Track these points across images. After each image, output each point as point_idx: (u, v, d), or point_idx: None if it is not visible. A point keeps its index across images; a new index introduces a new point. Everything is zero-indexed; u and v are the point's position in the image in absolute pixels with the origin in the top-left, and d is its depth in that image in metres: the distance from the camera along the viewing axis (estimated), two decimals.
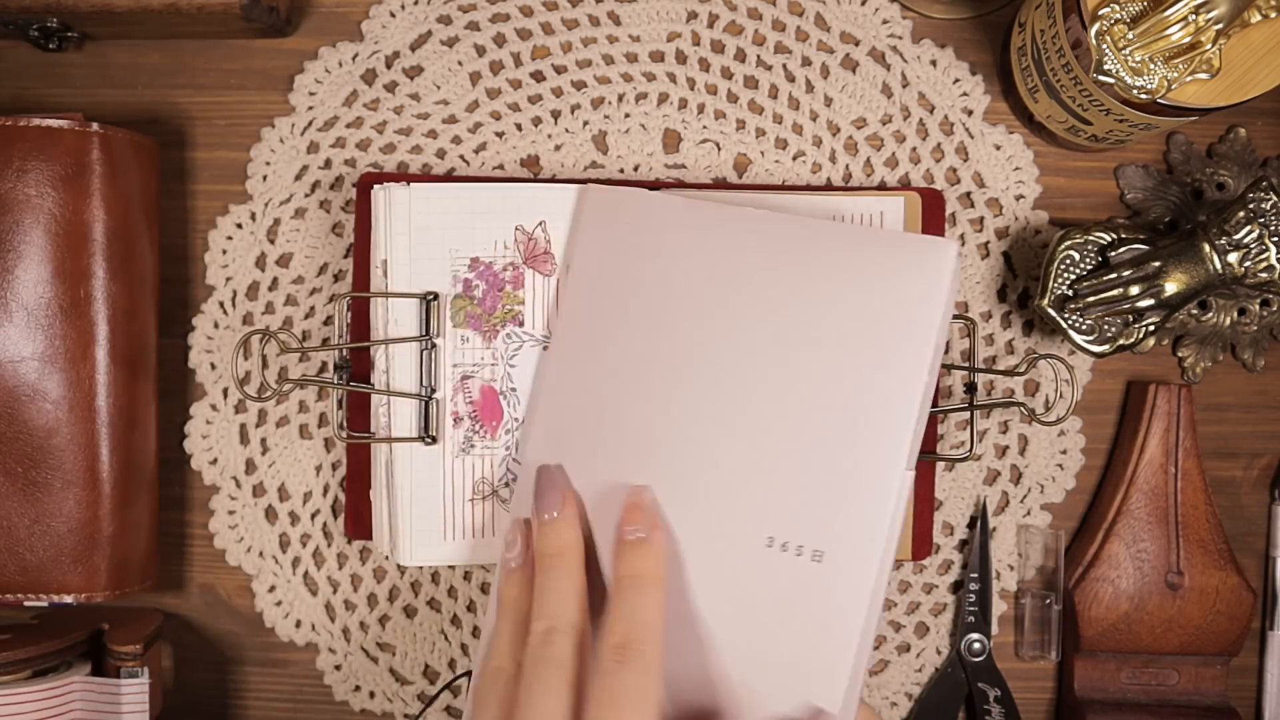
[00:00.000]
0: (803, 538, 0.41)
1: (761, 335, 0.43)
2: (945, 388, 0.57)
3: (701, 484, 0.43)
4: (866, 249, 0.42)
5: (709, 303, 0.44)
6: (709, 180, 0.57)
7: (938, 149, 0.57)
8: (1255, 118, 0.56)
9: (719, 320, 0.44)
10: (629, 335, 0.46)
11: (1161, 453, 0.55)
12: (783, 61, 0.57)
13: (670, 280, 0.46)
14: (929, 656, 0.58)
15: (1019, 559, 0.57)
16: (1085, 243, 0.52)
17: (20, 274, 0.50)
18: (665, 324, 0.45)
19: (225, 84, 0.58)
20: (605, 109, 0.57)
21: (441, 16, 0.57)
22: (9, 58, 0.58)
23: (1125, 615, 0.55)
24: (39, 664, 0.51)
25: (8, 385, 0.51)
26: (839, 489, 0.41)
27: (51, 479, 0.51)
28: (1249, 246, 0.49)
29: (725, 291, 0.44)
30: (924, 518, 0.55)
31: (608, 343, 0.47)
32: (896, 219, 0.55)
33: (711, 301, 0.44)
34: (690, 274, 0.45)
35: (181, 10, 0.52)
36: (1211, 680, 0.56)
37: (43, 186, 0.50)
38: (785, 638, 0.41)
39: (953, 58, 0.57)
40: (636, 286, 0.47)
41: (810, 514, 0.41)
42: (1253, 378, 0.57)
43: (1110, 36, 0.44)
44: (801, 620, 0.41)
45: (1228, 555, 0.55)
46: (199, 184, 0.58)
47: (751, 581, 0.42)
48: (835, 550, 0.41)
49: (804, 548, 0.41)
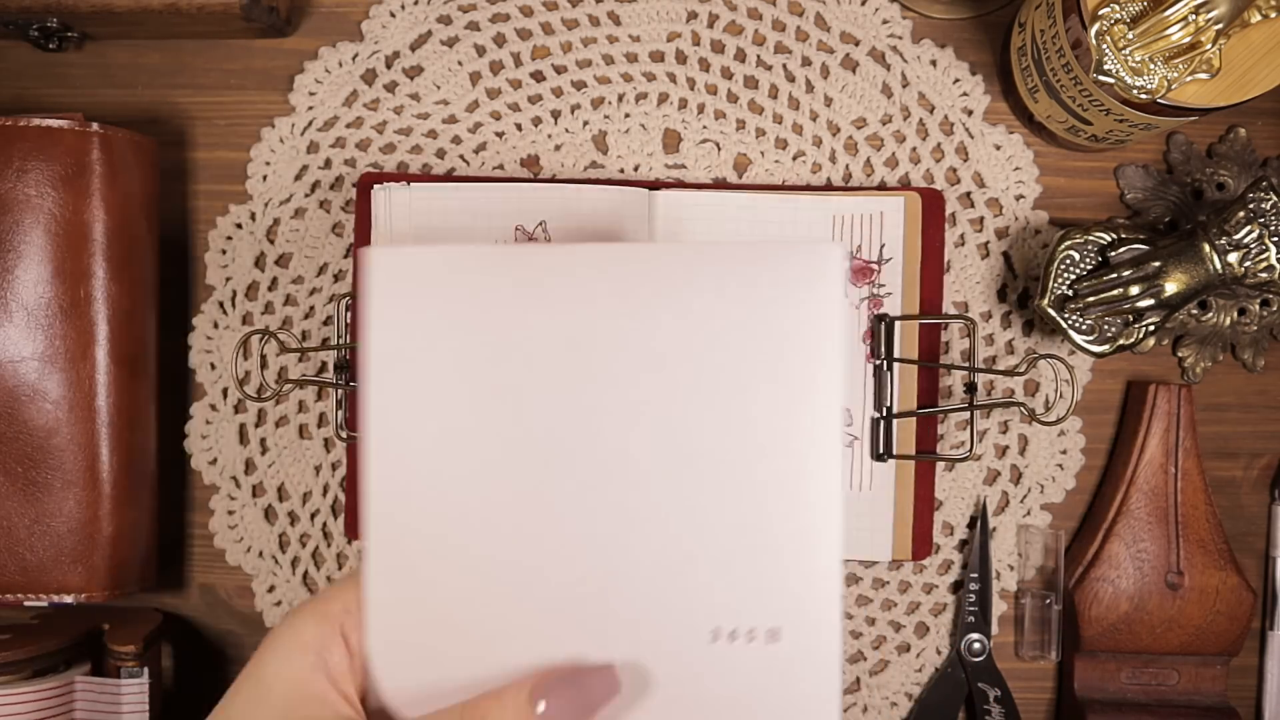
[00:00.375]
0: (752, 618, 0.35)
1: (640, 395, 0.35)
2: (945, 388, 0.57)
3: (613, 600, 0.35)
4: (740, 271, 0.35)
5: (569, 370, 0.36)
6: (709, 180, 0.57)
7: (938, 149, 0.57)
8: (1255, 118, 0.56)
9: (584, 389, 0.36)
10: (464, 432, 0.36)
11: (1161, 453, 0.55)
12: (783, 61, 0.57)
13: (514, 354, 0.36)
14: (929, 656, 0.58)
15: (1019, 559, 0.57)
16: (1085, 243, 0.52)
17: (20, 274, 0.50)
18: (515, 406, 0.36)
19: (225, 84, 0.58)
20: (605, 109, 0.57)
21: (441, 16, 0.57)
22: (9, 58, 0.58)
23: (1125, 615, 0.55)
24: (39, 664, 0.51)
25: (8, 385, 0.51)
26: (776, 548, 0.35)
27: (51, 479, 0.51)
28: (1249, 246, 0.49)
29: (586, 353, 0.36)
30: (924, 518, 0.55)
31: (435, 443, 0.36)
32: (897, 219, 0.55)
33: (572, 367, 0.36)
34: (538, 341, 0.36)
35: (181, 10, 0.52)
36: (1211, 680, 0.56)
37: (43, 186, 0.50)
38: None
39: (953, 58, 0.57)
40: (468, 372, 0.36)
41: (753, 587, 0.35)
42: (1253, 378, 0.57)
43: (1110, 36, 0.44)
44: (767, 714, 0.35)
45: (1228, 555, 0.55)
46: (199, 184, 0.58)
47: (704, 692, 0.35)
48: (792, 623, 0.35)
49: (755, 630, 0.35)
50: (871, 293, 0.55)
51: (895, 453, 0.55)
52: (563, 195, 0.54)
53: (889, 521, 0.55)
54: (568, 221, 0.54)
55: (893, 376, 0.55)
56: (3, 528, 0.51)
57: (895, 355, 0.55)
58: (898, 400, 0.55)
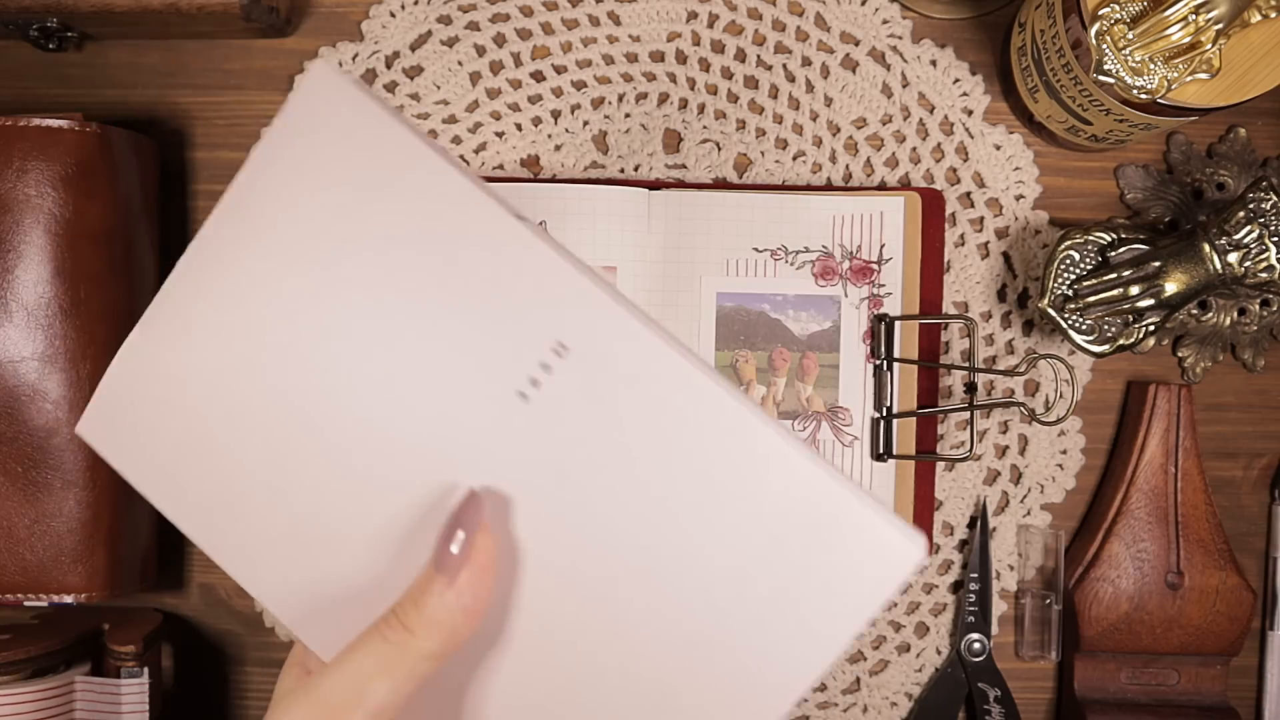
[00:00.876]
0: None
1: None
2: (945, 388, 0.57)
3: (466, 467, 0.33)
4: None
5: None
6: (709, 180, 0.57)
7: (938, 149, 0.57)
8: (1255, 118, 0.56)
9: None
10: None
11: (1161, 453, 0.55)
12: (783, 61, 0.57)
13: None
14: (929, 656, 0.58)
15: (1019, 559, 0.57)
16: (1085, 243, 0.52)
17: (20, 274, 0.50)
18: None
19: (225, 84, 0.58)
20: (605, 109, 0.57)
21: (441, 16, 0.57)
22: (9, 58, 0.58)
23: (1125, 615, 0.55)
24: (39, 664, 0.51)
25: (8, 385, 0.51)
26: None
27: (51, 479, 0.51)
28: (1249, 246, 0.49)
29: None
30: (924, 518, 0.55)
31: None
32: (897, 219, 0.55)
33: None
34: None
35: (181, 10, 0.52)
36: (1211, 680, 0.56)
37: (43, 186, 0.50)
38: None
39: (953, 58, 0.57)
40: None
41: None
42: (1253, 378, 0.57)
43: (1110, 36, 0.44)
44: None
45: (1228, 555, 0.55)
46: (199, 184, 0.58)
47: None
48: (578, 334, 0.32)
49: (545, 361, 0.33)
50: (871, 293, 0.55)
51: (895, 453, 0.55)
52: (563, 195, 0.54)
53: None
54: (568, 221, 0.54)
55: (893, 376, 0.55)
56: (3, 528, 0.51)
57: (895, 355, 0.55)
58: (898, 400, 0.55)
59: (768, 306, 0.55)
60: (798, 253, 0.55)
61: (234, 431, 0.35)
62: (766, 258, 0.55)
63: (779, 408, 0.55)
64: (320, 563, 0.35)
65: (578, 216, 0.54)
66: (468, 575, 0.32)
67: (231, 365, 0.35)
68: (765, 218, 0.55)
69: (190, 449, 0.36)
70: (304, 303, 0.34)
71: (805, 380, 0.55)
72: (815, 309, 0.55)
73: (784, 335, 0.55)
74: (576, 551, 0.33)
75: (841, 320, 0.55)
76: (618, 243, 0.54)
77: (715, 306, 0.55)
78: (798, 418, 0.55)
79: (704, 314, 0.55)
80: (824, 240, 0.55)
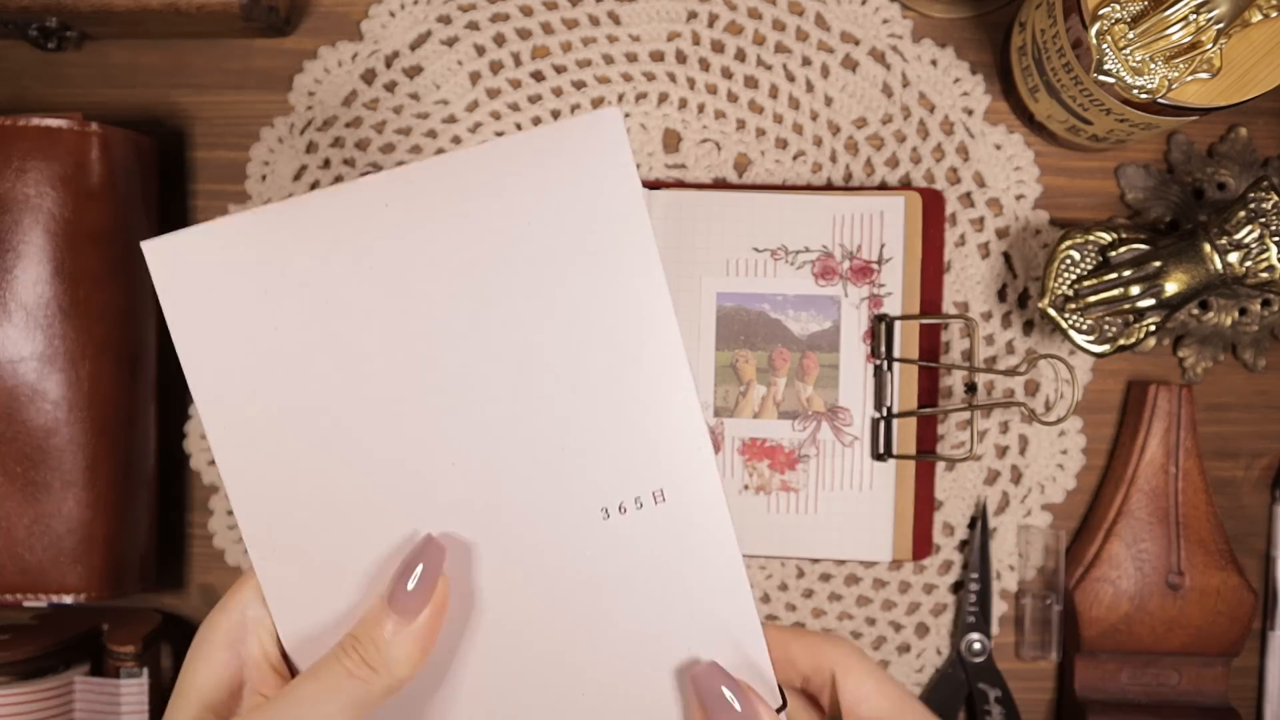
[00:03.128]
0: (636, 487, 0.36)
1: (472, 306, 0.36)
2: (945, 388, 0.57)
3: (501, 495, 0.36)
4: (528, 164, 0.35)
5: (396, 306, 0.35)
6: (709, 180, 0.57)
7: (938, 149, 0.57)
8: (1256, 117, 0.56)
9: (410, 318, 0.35)
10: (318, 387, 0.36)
11: (1162, 453, 0.55)
12: (783, 61, 0.57)
13: (332, 303, 0.35)
14: (929, 657, 0.58)
15: (1019, 559, 0.57)
16: (1086, 243, 0.52)
17: (20, 274, 0.50)
18: (348, 353, 0.35)
19: (225, 84, 0.58)
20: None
21: (441, 16, 0.57)
22: (9, 57, 0.58)
23: (1126, 616, 0.55)
24: (38, 664, 0.51)
25: (7, 385, 0.51)
26: (637, 415, 0.36)
27: (51, 479, 0.51)
28: (1249, 246, 0.49)
29: (403, 282, 0.35)
30: (924, 518, 0.55)
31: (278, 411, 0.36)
32: (897, 218, 0.55)
33: (397, 302, 0.35)
34: (353, 286, 0.35)
35: (181, 10, 0.52)
36: (1212, 681, 0.56)
37: (42, 186, 0.50)
38: (668, 600, 0.36)
39: (953, 57, 0.57)
40: (291, 330, 0.35)
41: (629, 460, 0.36)
42: (1253, 378, 0.57)
43: (1111, 36, 0.44)
44: (676, 571, 0.36)
45: (1228, 555, 0.55)
46: (199, 184, 0.58)
47: (612, 567, 0.36)
48: (672, 479, 0.36)
49: (640, 497, 0.36)
50: (871, 293, 0.55)
51: (895, 453, 0.55)
52: None
53: (889, 522, 0.55)
54: None
55: (893, 376, 0.55)
56: (2, 528, 0.51)
57: (895, 355, 0.55)
58: (898, 400, 0.55)
59: (768, 306, 0.55)
60: (798, 253, 0.55)
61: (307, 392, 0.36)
62: (766, 258, 0.55)
63: (779, 408, 0.55)
64: (322, 581, 0.36)
65: None
66: (428, 616, 0.33)
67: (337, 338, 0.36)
68: (765, 218, 0.55)
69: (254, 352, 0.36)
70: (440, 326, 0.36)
71: (805, 380, 0.55)
72: (815, 309, 0.55)
73: (784, 335, 0.55)
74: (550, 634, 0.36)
75: (841, 320, 0.55)
76: None
77: (715, 306, 0.55)
78: (798, 418, 0.55)
79: (704, 314, 0.55)
80: (824, 240, 0.55)
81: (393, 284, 0.35)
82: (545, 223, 0.35)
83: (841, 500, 0.55)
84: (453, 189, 0.35)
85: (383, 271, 0.35)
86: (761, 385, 0.55)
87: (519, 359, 0.35)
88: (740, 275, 0.55)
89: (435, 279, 0.35)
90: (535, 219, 0.35)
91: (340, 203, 0.35)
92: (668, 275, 0.55)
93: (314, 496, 0.36)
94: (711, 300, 0.55)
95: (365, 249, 0.35)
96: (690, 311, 0.55)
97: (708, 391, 0.55)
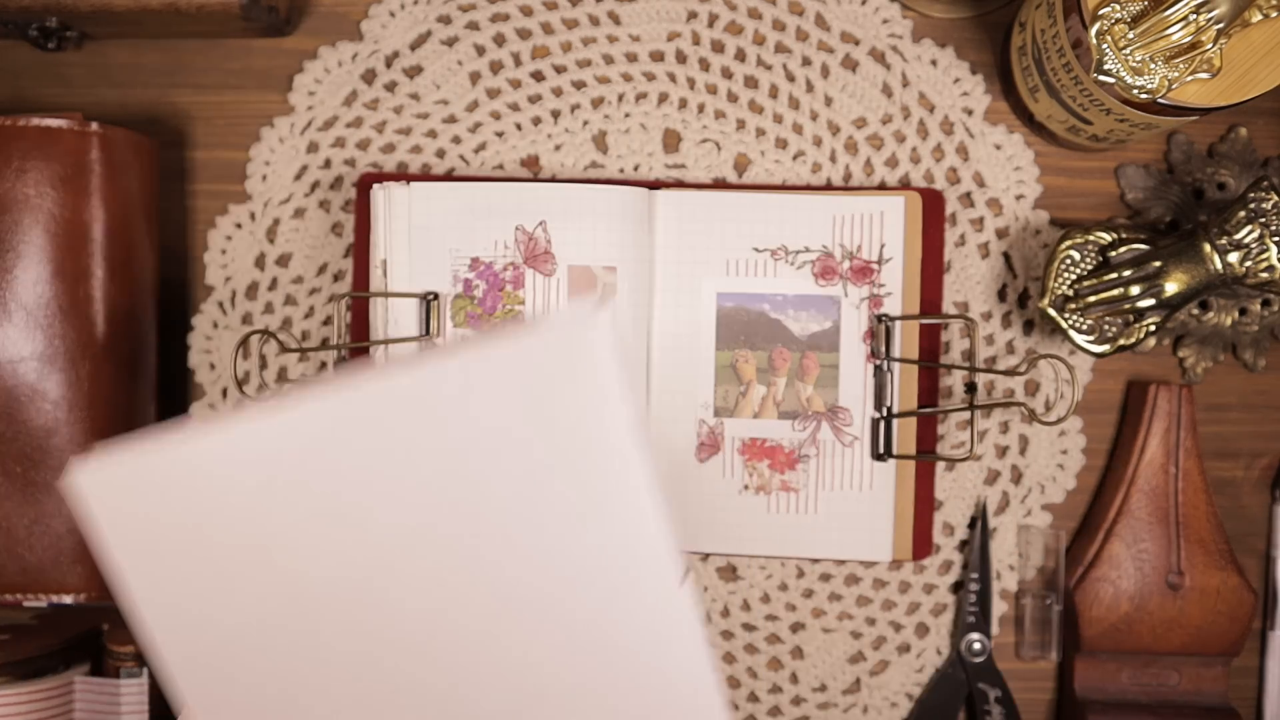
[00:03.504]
0: None
1: (432, 541, 0.31)
2: (945, 388, 0.57)
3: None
4: (494, 379, 0.29)
5: (349, 537, 0.31)
6: (709, 180, 0.57)
7: (938, 149, 0.57)
8: (1256, 117, 0.56)
9: (372, 551, 0.31)
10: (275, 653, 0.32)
11: (1162, 453, 0.55)
12: (783, 61, 0.57)
13: (279, 534, 0.31)
14: (929, 657, 0.58)
15: (1019, 559, 0.57)
16: (1086, 243, 0.52)
17: (20, 274, 0.50)
18: (308, 590, 0.31)
19: (225, 84, 0.58)
20: (605, 109, 0.57)
21: (441, 16, 0.57)
22: (9, 57, 0.58)
23: (1126, 615, 0.55)
24: (38, 664, 0.51)
25: (7, 385, 0.51)
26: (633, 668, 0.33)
27: (51, 479, 0.51)
28: (1249, 246, 0.49)
29: (359, 515, 0.30)
30: (924, 518, 0.55)
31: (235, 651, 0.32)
32: (897, 219, 0.55)
33: (351, 532, 0.31)
34: (300, 516, 0.30)
35: (181, 10, 0.52)
36: (1212, 681, 0.56)
37: (42, 186, 0.50)
38: None
39: (953, 57, 0.57)
40: (246, 568, 0.31)
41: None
42: (1253, 378, 0.57)
43: (1111, 36, 0.44)
44: None
45: (1228, 555, 0.55)
46: (199, 184, 0.58)
47: None
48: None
49: None
50: (871, 293, 0.55)
51: (895, 453, 0.55)
52: (563, 195, 0.54)
53: (889, 522, 0.55)
54: (568, 221, 0.54)
55: (893, 376, 0.55)
56: (2, 528, 0.51)
57: (895, 355, 0.55)
58: (898, 400, 0.55)
59: (768, 306, 0.55)
60: (798, 253, 0.55)
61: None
62: (766, 258, 0.55)
63: (779, 408, 0.55)
64: None
65: (578, 216, 0.54)
66: None
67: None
68: (765, 218, 0.55)
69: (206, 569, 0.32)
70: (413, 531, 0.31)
71: (805, 380, 0.55)
72: (815, 309, 0.55)
73: (784, 335, 0.55)
74: None
75: (841, 320, 0.55)
76: (618, 243, 0.54)
77: (715, 306, 0.55)
78: (798, 418, 0.55)
79: (704, 314, 0.55)
80: (824, 240, 0.55)
81: (346, 517, 0.30)
82: (513, 453, 0.30)
83: (841, 500, 0.55)
84: (410, 415, 0.30)
85: (334, 504, 0.30)
86: (761, 385, 0.55)
87: (487, 599, 0.31)
88: (740, 275, 0.55)
89: (395, 511, 0.30)
90: (502, 455, 0.30)
91: (285, 427, 0.30)
92: (667, 275, 0.55)
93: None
94: (711, 300, 0.55)
95: (313, 482, 0.30)
96: (690, 311, 0.55)
97: (708, 391, 0.55)
